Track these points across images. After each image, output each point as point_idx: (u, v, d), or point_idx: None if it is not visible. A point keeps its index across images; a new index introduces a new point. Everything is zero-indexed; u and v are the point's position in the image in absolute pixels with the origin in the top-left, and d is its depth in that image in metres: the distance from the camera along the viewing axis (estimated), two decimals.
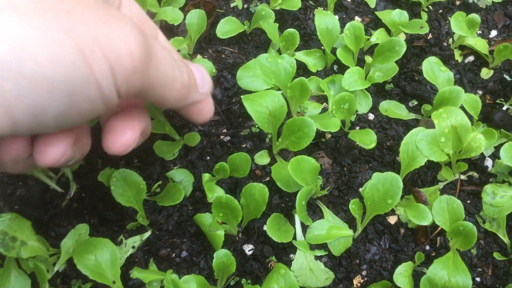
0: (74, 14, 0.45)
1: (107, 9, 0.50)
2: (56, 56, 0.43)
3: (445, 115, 0.91)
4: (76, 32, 0.44)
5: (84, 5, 0.48)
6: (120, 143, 0.63)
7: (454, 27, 1.08)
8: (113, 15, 0.50)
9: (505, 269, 0.92)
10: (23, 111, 0.44)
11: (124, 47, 0.49)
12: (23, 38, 0.41)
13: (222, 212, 0.87)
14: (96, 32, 0.46)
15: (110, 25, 0.48)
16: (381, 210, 0.86)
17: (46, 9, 0.43)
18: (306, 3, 1.23)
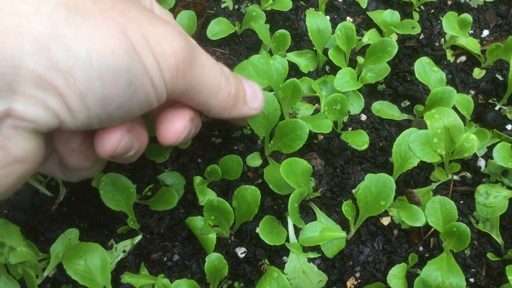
0: (127, 14, 0.52)
1: (155, 15, 0.57)
2: (116, 49, 0.49)
3: (437, 116, 0.91)
4: (129, 30, 0.51)
5: (136, 8, 0.54)
6: (172, 131, 0.68)
7: (446, 27, 1.07)
8: (162, 20, 0.57)
9: (499, 270, 0.91)
10: (94, 101, 0.51)
11: (168, 47, 0.55)
12: (87, 33, 0.48)
13: (214, 215, 0.86)
14: (145, 31, 0.53)
15: (158, 27, 0.55)
16: (374, 211, 0.85)
17: (103, 10, 0.50)
18: (297, 3, 1.23)
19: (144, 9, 0.57)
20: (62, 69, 0.47)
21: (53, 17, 0.46)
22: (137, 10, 0.55)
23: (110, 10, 0.51)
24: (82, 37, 0.48)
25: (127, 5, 0.54)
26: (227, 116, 0.73)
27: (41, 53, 0.46)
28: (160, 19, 0.57)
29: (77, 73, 0.48)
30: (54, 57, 0.46)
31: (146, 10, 0.57)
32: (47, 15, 0.46)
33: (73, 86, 0.49)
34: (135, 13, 0.54)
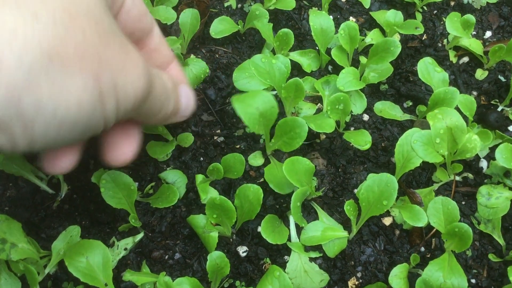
0: (103, 58, 0.51)
1: (126, 49, 0.56)
2: (84, 103, 0.49)
3: (440, 116, 0.90)
4: (102, 79, 0.51)
5: (113, 43, 0.53)
6: (122, 157, 0.69)
7: (449, 28, 1.07)
8: (131, 58, 0.56)
9: (500, 271, 0.91)
10: (43, 142, 0.51)
11: (132, 90, 0.56)
12: (62, 87, 0.47)
13: (216, 214, 0.86)
14: (116, 78, 0.53)
15: (127, 72, 0.55)
16: (376, 211, 0.85)
17: (83, 57, 0.49)
18: (300, 3, 1.23)
19: (120, 43, 0.55)
20: (25, 118, 0.47)
21: (34, 69, 0.45)
22: (114, 47, 0.54)
23: (89, 55, 0.49)
24: (56, 92, 0.47)
25: (106, 42, 0.52)
26: (159, 125, 0.78)
27: (12, 102, 0.45)
28: (130, 56, 0.57)
29: (37, 123, 0.48)
30: (22, 108, 0.46)
31: (121, 44, 0.56)
32: (29, 66, 0.44)
33: (29, 132, 0.48)
34: (111, 54, 0.53)
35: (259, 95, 0.88)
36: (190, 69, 1.05)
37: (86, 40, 0.48)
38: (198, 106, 1.07)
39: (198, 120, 1.05)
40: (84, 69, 0.48)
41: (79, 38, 0.47)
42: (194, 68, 1.04)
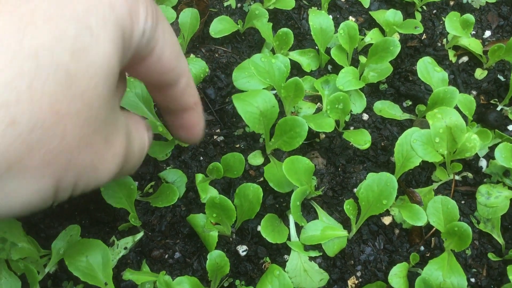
0: (73, 165, 0.43)
1: (109, 143, 0.47)
2: (32, 203, 0.43)
3: (439, 116, 0.91)
4: (63, 181, 0.44)
5: (91, 145, 0.44)
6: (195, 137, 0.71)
7: (448, 27, 1.08)
8: (109, 152, 0.48)
9: (500, 270, 0.91)
10: None
11: (95, 183, 0.48)
12: (11, 192, 0.41)
13: (216, 213, 0.86)
14: (81, 177, 0.45)
15: (97, 169, 0.47)
16: (376, 210, 0.85)
17: (50, 164, 0.41)
18: (300, 2, 1.23)
19: (106, 137, 0.47)
20: None
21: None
22: (94, 146, 0.45)
23: (57, 162, 0.41)
24: (1, 196, 0.40)
25: (86, 143, 0.43)
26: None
27: None
28: (113, 147, 0.49)
29: None
30: None
31: (107, 137, 0.47)
32: None
33: None
34: (86, 157, 0.44)
35: (260, 94, 0.88)
36: (190, 68, 1.04)
37: (61, 146, 0.41)
38: None
39: None
40: (45, 175, 0.42)
41: (53, 144, 0.40)
42: (194, 67, 1.04)
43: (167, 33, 0.55)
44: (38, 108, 0.37)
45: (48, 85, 0.37)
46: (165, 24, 0.54)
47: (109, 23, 0.42)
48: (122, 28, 0.44)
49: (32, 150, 0.38)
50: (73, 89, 0.39)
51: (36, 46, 0.36)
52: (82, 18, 0.40)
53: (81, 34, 0.40)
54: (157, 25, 0.51)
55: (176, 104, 0.66)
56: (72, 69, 0.39)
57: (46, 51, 0.37)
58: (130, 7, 0.45)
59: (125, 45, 0.46)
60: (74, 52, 0.39)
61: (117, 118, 0.48)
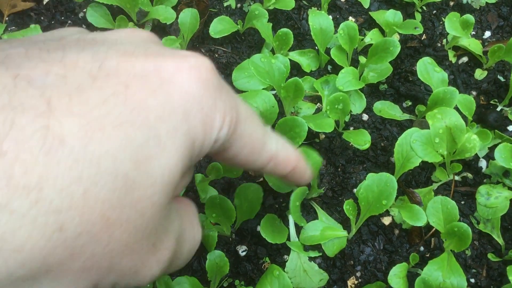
0: (114, 270, 0.41)
1: (154, 246, 0.44)
2: None
3: (439, 116, 0.91)
4: (101, 284, 0.41)
5: (135, 253, 0.42)
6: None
7: (448, 28, 1.07)
8: (153, 258, 0.45)
9: (500, 270, 0.91)
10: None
11: (135, 281, 0.45)
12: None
13: (216, 213, 0.86)
14: (121, 281, 0.43)
15: (139, 273, 0.44)
16: (376, 211, 0.85)
17: (90, 269, 0.39)
18: (300, 3, 1.23)
19: (155, 242, 0.44)
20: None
21: (19, 280, 0.36)
22: (138, 254, 0.42)
23: (97, 267, 0.39)
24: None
25: (130, 250, 0.41)
26: None
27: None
28: (158, 252, 0.45)
29: None
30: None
31: (154, 244, 0.44)
32: (15, 279, 0.35)
33: None
34: (128, 263, 0.42)
35: (259, 94, 0.88)
36: None
37: (105, 252, 0.38)
38: None
39: None
40: (84, 279, 0.40)
41: (97, 250, 0.38)
42: None
43: (246, 137, 0.51)
44: (89, 215, 0.35)
45: (104, 192, 0.36)
46: (244, 126, 0.50)
47: (179, 133, 0.41)
48: (192, 138, 0.42)
49: (74, 255, 0.36)
50: (129, 197, 0.38)
51: (100, 153, 0.35)
52: (153, 126, 0.39)
53: (148, 142, 0.38)
54: (235, 131, 0.48)
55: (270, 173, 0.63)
56: (131, 177, 0.37)
57: (109, 158, 0.36)
58: (205, 118, 0.43)
59: (193, 154, 0.44)
60: (138, 161, 0.38)
61: (169, 224, 0.46)
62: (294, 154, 0.60)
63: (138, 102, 0.38)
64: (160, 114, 0.39)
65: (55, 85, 0.36)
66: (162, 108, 0.40)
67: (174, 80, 0.41)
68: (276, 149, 0.56)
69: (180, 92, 0.41)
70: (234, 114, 0.48)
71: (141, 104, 0.39)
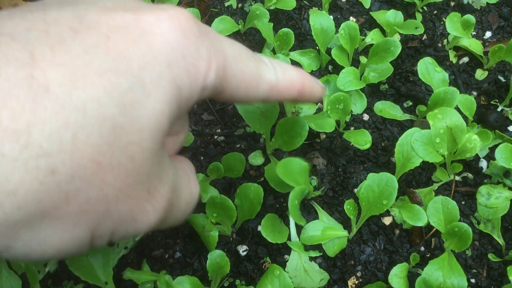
0: (111, 215, 0.42)
1: (151, 194, 0.45)
2: (64, 250, 0.42)
3: (440, 116, 0.91)
4: (99, 230, 0.43)
5: (131, 198, 0.43)
6: None
7: (449, 28, 1.08)
8: (150, 204, 0.46)
9: (500, 271, 0.91)
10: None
11: (134, 232, 0.47)
12: (41, 239, 0.40)
13: (216, 213, 0.86)
14: (118, 227, 0.44)
15: (137, 219, 0.45)
16: (376, 210, 0.85)
17: (86, 213, 0.40)
18: (301, 3, 1.23)
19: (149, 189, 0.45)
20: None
21: (16, 224, 0.37)
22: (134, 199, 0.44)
23: (94, 212, 0.41)
24: (31, 242, 0.39)
25: (126, 195, 0.42)
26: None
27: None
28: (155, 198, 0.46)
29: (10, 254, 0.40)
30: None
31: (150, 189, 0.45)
32: (13, 222, 0.37)
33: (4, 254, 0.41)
34: (125, 207, 0.43)
35: None
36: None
37: (99, 196, 0.40)
38: (198, 105, 1.07)
39: (198, 119, 1.05)
40: (81, 224, 0.41)
41: (91, 194, 0.39)
42: None
43: (238, 75, 0.52)
44: (80, 159, 0.37)
45: (93, 137, 0.37)
46: (234, 66, 0.51)
47: (163, 81, 0.42)
48: (178, 86, 0.44)
49: (69, 199, 0.38)
50: (118, 142, 0.39)
51: (85, 99, 0.36)
52: (137, 74, 0.40)
53: (133, 89, 0.39)
54: (224, 74, 0.49)
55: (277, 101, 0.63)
56: (118, 123, 0.39)
57: (94, 104, 0.37)
58: (189, 66, 0.45)
59: (181, 102, 0.45)
60: (123, 106, 0.39)
61: (162, 171, 0.47)
62: (296, 76, 0.60)
63: (120, 52, 0.40)
64: (142, 63, 0.41)
65: (38, 39, 0.37)
66: (144, 57, 0.41)
67: (155, 30, 0.42)
68: (275, 78, 0.57)
69: (161, 42, 0.42)
70: (221, 58, 0.48)
71: (123, 53, 0.40)
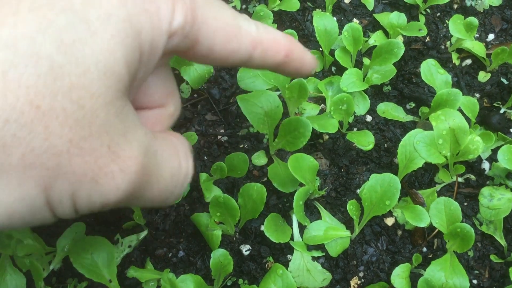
0: (62, 170, 0.37)
1: (114, 152, 0.40)
2: (16, 214, 0.38)
3: (443, 117, 0.91)
4: (53, 190, 0.38)
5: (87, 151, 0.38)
6: None
7: (452, 30, 1.08)
8: (114, 163, 0.40)
9: (502, 272, 0.92)
10: None
11: (100, 200, 0.41)
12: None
13: (220, 212, 0.87)
14: (77, 188, 0.39)
15: (98, 181, 0.40)
16: (379, 211, 0.86)
17: (31, 167, 0.36)
18: (304, 4, 1.23)
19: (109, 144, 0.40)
20: None
21: None
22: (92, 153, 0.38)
23: (40, 165, 0.36)
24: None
25: (79, 148, 0.37)
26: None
27: None
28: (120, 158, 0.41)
29: None
30: None
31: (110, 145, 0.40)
32: None
33: None
34: (79, 162, 0.38)
35: (264, 94, 0.89)
36: (195, 68, 1.05)
37: (45, 147, 0.35)
38: (202, 105, 1.08)
39: (202, 119, 1.06)
40: (28, 179, 0.36)
41: (34, 144, 0.35)
42: (199, 67, 1.04)
43: (211, 21, 0.46)
44: (13, 101, 0.33)
45: (27, 76, 0.33)
46: (205, 9, 0.46)
47: (114, 19, 0.38)
48: (136, 27, 0.39)
49: (6, 147, 0.34)
50: (58, 84, 0.35)
51: (16, 36, 0.33)
52: (79, 10, 0.36)
53: (73, 26, 0.35)
54: (194, 18, 0.44)
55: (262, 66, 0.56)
56: (57, 62, 0.34)
57: (26, 41, 0.33)
58: (147, 5, 0.40)
59: (143, 46, 0.41)
60: (62, 44, 0.35)
61: (127, 128, 0.41)
62: (282, 37, 0.53)
63: None
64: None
65: None
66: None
67: None
68: (257, 32, 0.50)
69: None
70: (188, 2, 0.43)
71: None
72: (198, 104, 1.08)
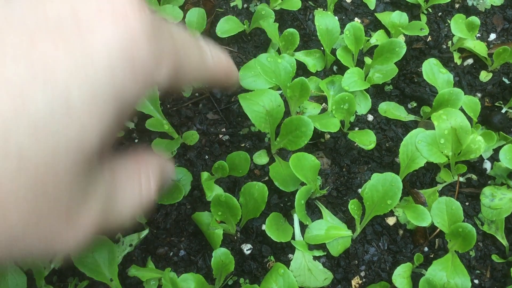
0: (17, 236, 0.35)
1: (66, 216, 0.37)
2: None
3: (444, 117, 0.91)
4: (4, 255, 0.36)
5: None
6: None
7: (454, 29, 1.08)
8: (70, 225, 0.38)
9: (504, 272, 0.92)
10: None
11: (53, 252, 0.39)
12: None
13: (221, 211, 0.87)
14: (28, 252, 0.37)
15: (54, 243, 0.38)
16: (381, 210, 0.86)
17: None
18: (306, 3, 1.23)
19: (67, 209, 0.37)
20: None
21: None
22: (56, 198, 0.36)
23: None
24: None
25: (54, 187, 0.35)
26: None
27: None
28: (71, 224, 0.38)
29: None
30: None
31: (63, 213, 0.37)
32: None
33: None
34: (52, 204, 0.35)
35: (266, 93, 0.89)
36: None
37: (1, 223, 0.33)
38: (203, 104, 1.08)
39: (204, 118, 1.06)
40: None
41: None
42: None
43: (187, 67, 0.48)
44: None
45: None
46: (185, 61, 0.47)
47: (98, 97, 0.35)
48: (120, 94, 0.37)
49: None
50: (23, 172, 0.32)
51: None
52: (61, 86, 0.32)
53: (51, 110, 0.32)
54: (175, 70, 0.44)
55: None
56: (27, 153, 0.32)
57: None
58: (136, 70, 0.38)
59: (123, 106, 0.38)
60: (36, 132, 0.32)
61: (87, 186, 0.39)
62: (226, 60, 0.60)
63: (43, 58, 0.32)
64: (72, 71, 0.33)
65: None
66: (75, 63, 0.33)
67: (95, 29, 0.35)
68: (213, 63, 0.55)
69: (102, 44, 0.35)
70: (173, 56, 0.43)
71: (48, 59, 0.32)
72: (200, 103, 1.08)
